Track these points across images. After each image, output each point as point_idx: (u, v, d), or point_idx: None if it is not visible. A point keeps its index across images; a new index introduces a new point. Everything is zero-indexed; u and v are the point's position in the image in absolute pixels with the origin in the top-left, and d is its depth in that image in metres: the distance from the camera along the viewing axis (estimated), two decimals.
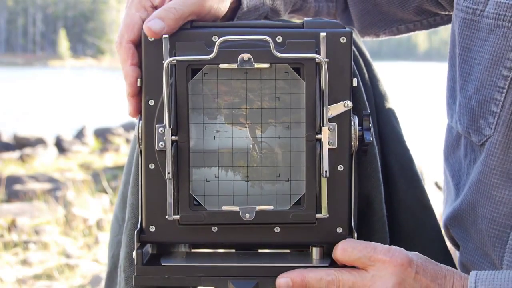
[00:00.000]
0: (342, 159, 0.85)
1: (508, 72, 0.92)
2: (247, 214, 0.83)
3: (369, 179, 0.93)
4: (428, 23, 1.17)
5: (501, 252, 0.94)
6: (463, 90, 0.99)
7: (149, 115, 0.85)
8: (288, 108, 0.84)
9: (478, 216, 0.97)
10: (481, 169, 0.96)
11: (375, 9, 1.13)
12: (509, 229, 0.94)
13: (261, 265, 0.86)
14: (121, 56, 0.87)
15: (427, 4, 1.13)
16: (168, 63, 0.81)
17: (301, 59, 0.82)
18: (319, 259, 0.88)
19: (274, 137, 0.84)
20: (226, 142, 0.85)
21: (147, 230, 0.86)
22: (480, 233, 0.97)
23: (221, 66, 0.83)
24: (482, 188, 0.96)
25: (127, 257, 0.97)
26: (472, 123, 0.97)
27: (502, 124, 0.93)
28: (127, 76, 0.86)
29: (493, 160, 0.94)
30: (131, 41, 0.87)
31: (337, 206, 0.85)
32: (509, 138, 0.93)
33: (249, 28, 0.88)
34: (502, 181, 0.93)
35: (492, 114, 0.94)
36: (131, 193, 0.98)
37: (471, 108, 0.97)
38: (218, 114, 0.84)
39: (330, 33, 0.83)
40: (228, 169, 0.85)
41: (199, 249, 0.96)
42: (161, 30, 0.84)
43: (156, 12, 0.85)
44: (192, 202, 0.84)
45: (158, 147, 0.84)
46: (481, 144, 0.96)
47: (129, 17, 0.88)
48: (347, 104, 0.84)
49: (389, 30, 1.18)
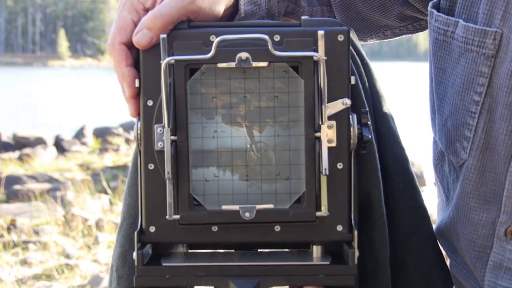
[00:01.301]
0: (342, 157, 0.84)
1: (479, 97, 0.91)
2: (247, 213, 0.82)
3: (369, 178, 0.93)
4: (414, 27, 1.17)
5: (482, 272, 0.94)
6: (439, 112, 0.99)
7: (148, 115, 0.85)
8: (286, 107, 0.84)
9: (459, 236, 0.97)
10: (459, 191, 0.96)
11: (359, 16, 1.13)
12: (488, 249, 0.94)
13: (262, 264, 0.86)
14: (115, 58, 0.87)
15: (408, 11, 1.12)
16: (166, 63, 0.81)
17: (299, 57, 0.82)
18: (320, 258, 0.88)
19: (273, 136, 0.84)
20: (225, 142, 0.84)
21: (147, 230, 0.85)
22: (463, 252, 0.98)
23: (219, 66, 0.82)
24: (461, 210, 0.96)
25: (121, 257, 0.97)
26: (450, 145, 0.97)
27: (476, 149, 0.92)
28: (124, 77, 0.86)
29: (469, 184, 0.93)
30: (123, 43, 0.87)
31: (337, 204, 0.84)
32: (483, 163, 0.92)
33: (247, 27, 0.88)
34: (479, 204, 0.93)
35: (466, 139, 0.93)
36: (128, 193, 0.98)
37: (448, 130, 0.97)
38: (217, 114, 0.84)
39: (327, 31, 0.83)
40: (227, 169, 0.84)
41: (196, 249, 0.96)
42: (150, 41, 0.84)
43: (143, 21, 0.85)
44: (192, 202, 0.84)
45: (157, 147, 0.84)
46: (459, 166, 0.96)
47: (121, 20, 0.88)
48: (345, 102, 0.83)
49: (376, 36, 1.18)
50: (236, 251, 0.93)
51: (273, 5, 1.04)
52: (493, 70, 0.90)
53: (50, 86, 31.18)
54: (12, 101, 22.75)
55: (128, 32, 0.87)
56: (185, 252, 0.93)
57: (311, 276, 0.85)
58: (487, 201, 0.93)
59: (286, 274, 0.85)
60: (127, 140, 11.52)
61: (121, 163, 9.43)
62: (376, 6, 1.12)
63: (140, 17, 0.88)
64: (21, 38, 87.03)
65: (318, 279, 0.85)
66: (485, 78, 0.91)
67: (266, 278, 0.85)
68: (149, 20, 0.84)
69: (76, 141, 11.58)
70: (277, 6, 1.05)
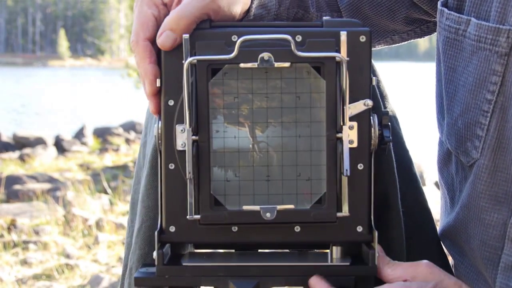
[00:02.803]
0: (362, 157, 0.84)
1: (492, 96, 0.90)
2: (268, 214, 0.82)
3: (386, 176, 0.93)
4: (421, 30, 1.17)
5: (493, 273, 0.93)
6: (449, 111, 0.98)
7: (169, 115, 0.84)
8: (308, 107, 0.84)
9: (470, 236, 0.96)
10: (470, 191, 0.95)
11: (367, 22, 1.13)
12: (500, 251, 0.93)
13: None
14: (139, 55, 0.86)
15: (415, 13, 1.12)
16: (188, 63, 0.81)
17: (322, 58, 0.82)
18: (340, 258, 0.88)
19: (295, 136, 0.84)
20: (247, 142, 0.84)
21: (167, 230, 0.85)
22: (473, 252, 0.97)
23: (241, 66, 0.82)
24: (472, 210, 0.95)
25: (140, 260, 0.96)
26: (460, 145, 0.96)
27: (488, 148, 0.91)
28: (147, 74, 0.85)
29: (481, 184, 0.92)
30: (147, 38, 0.86)
31: (357, 204, 0.84)
32: (495, 162, 0.91)
33: (269, 27, 0.88)
34: (491, 204, 0.92)
35: (478, 138, 0.92)
36: (146, 195, 0.97)
37: (458, 129, 0.96)
38: (237, 114, 0.84)
39: (350, 32, 0.83)
40: (249, 169, 0.84)
41: (202, 249, 0.96)
42: (174, 42, 0.84)
43: (166, 22, 0.84)
44: (212, 202, 0.84)
45: (179, 147, 0.84)
46: (470, 165, 0.95)
47: (141, 15, 0.87)
48: (367, 102, 0.83)
49: (384, 41, 1.18)
50: (235, 252, 0.93)
51: (283, 11, 1.04)
52: (506, 68, 0.89)
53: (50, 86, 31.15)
54: (12, 101, 22.73)
55: (151, 27, 0.86)
56: (188, 252, 0.93)
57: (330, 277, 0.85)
58: (499, 201, 0.92)
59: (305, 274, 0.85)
60: (127, 140, 11.52)
61: (121, 163, 9.43)
62: (384, 10, 1.11)
63: (159, 11, 0.87)
64: (21, 38, 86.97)
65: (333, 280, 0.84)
66: (498, 76, 0.90)
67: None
68: (172, 21, 0.84)
69: (76, 141, 11.58)
70: (286, 12, 1.05)
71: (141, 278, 0.85)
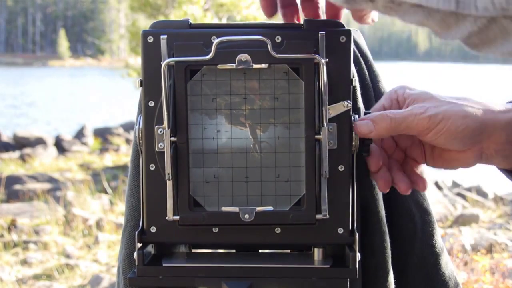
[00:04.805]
0: (343, 159, 0.84)
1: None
2: (247, 215, 0.82)
3: (363, 180, 0.92)
4: None
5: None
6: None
7: (149, 116, 0.85)
8: (287, 108, 0.84)
9: None
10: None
11: None
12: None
13: (255, 266, 0.86)
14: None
15: None
16: (166, 64, 0.81)
17: (299, 59, 0.82)
18: (321, 260, 0.87)
19: (274, 138, 0.84)
20: (226, 143, 0.84)
21: (148, 230, 0.85)
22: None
23: (219, 67, 0.82)
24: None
25: (127, 259, 0.97)
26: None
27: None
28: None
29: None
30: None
31: (338, 206, 0.84)
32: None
33: (248, 28, 0.88)
34: None
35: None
36: (130, 195, 0.98)
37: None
38: (218, 115, 0.84)
39: (329, 32, 0.82)
40: (228, 170, 0.84)
41: (199, 249, 0.96)
42: (368, 133, 0.83)
43: (372, 115, 0.84)
44: (191, 203, 0.84)
45: (158, 148, 0.84)
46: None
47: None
48: (346, 104, 0.83)
49: None
50: (234, 252, 0.93)
51: None
52: None
53: (50, 86, 31.15)
54: (12, 101, 22.73)
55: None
56: (187, 252, 0.93)
57: (307, 279, 0.84)
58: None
59: (282, 276, 0.84)
60: (127, 140, 11.52)
61: (121, 163, 9.44)
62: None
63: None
64: (21, 38, 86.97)
65: (313, 282, 0.84)
66: None
67: (260, 280, 0.84)
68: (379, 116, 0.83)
69: (76, 141, 11.59)
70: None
71: (134, 278, 0.85)
